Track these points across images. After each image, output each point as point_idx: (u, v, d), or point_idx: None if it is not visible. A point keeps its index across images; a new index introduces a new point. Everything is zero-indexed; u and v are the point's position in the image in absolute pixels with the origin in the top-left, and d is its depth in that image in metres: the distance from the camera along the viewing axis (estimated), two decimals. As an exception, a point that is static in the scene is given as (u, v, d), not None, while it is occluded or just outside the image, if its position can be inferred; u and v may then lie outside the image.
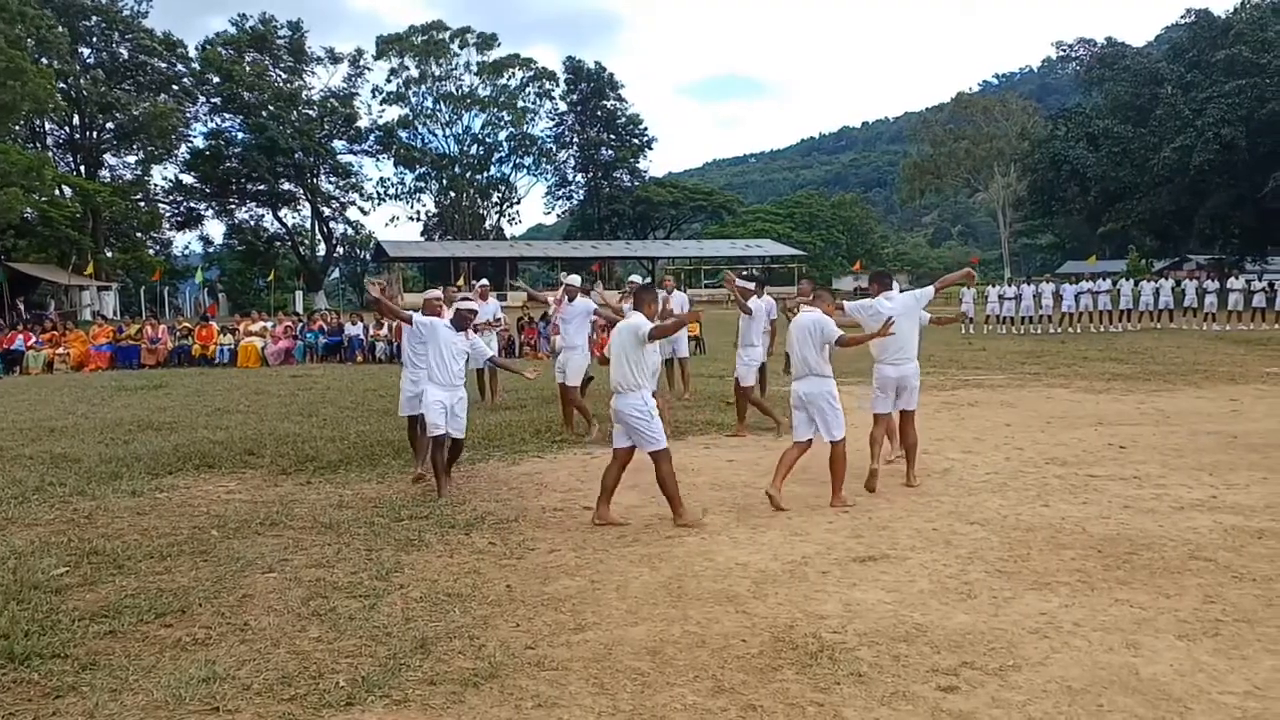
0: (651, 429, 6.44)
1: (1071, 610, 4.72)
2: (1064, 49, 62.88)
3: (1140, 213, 43.89)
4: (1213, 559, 5.52)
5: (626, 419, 6.49)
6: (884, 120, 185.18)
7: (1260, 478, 7.72)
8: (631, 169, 74.89)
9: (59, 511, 7.08)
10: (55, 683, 3.95)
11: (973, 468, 8.32)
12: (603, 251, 61.28)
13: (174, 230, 62.36)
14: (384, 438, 9.97)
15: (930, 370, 16.88)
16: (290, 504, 7.22)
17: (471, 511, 6.91)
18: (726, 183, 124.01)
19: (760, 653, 4.25)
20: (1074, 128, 47.11)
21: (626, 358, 6.46)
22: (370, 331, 22.52)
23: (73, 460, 9.05)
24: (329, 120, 62.63)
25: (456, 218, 69.60)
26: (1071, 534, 6.10)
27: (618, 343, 6.59)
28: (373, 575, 5.41)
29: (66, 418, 12.25)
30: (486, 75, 68.03)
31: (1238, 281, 29.41)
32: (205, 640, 4.46)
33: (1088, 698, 3.75)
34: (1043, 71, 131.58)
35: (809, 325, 6.99)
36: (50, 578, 5.36)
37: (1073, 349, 21.03)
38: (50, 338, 22.47)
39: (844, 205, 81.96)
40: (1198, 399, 12.66)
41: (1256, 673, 3.97)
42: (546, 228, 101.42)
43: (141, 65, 54.70)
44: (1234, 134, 38.07)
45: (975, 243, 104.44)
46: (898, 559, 5.63)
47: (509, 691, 3.87)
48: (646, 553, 5.84)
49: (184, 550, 5.95)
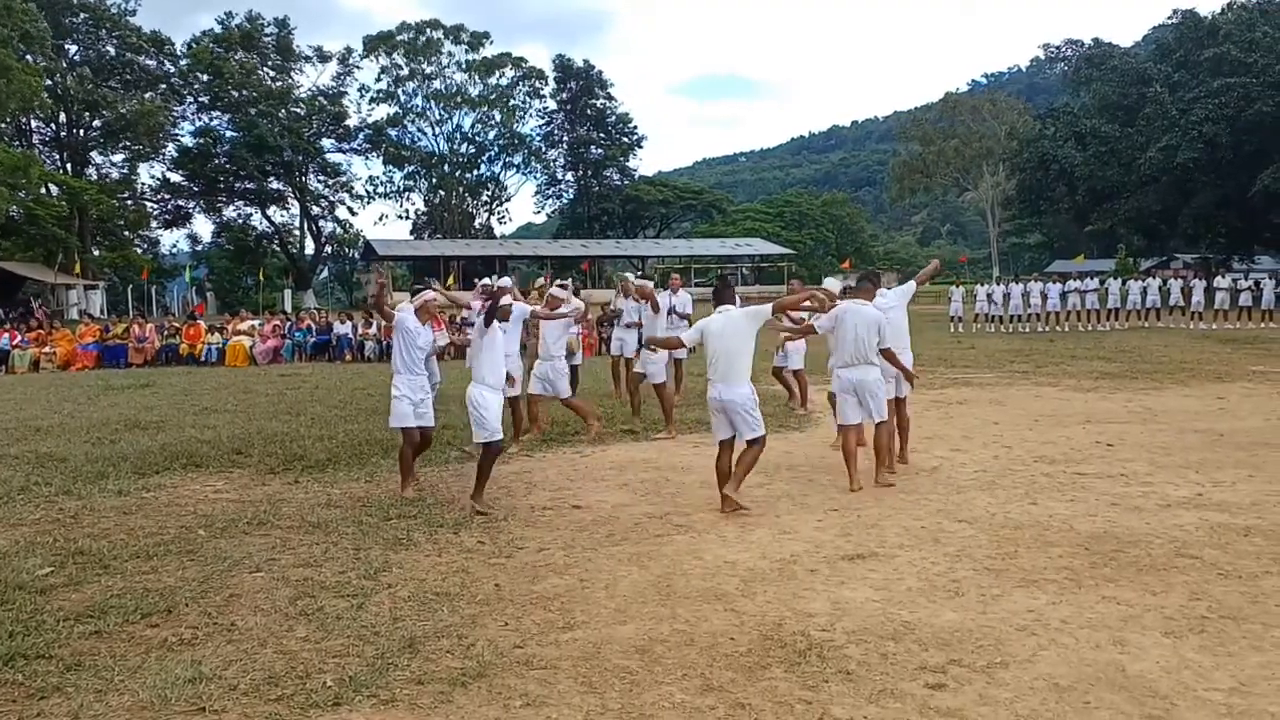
0: (758, 417, 6.74)
1: (1059, 608, 4.74)
2: (1052, 49, 63.42)
3: (1127, 212, 44.11)
4: (1199, 556, 5.55)
5: (739, 409, 6.64)
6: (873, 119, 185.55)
7: (1246, 475, 7.76)
8: (621, 168, 74.83)
9: (44, 511, 7.03)
10: (40, 684, 3.92)
11: (961, 466, 8.35)
12: (592, 250, 61.25)
13: (162, 229, 62.17)
14: (372, 437, 9.93)
15: (918, 369, 16.92)
16: (278, 503, 7.19)
17: (460, 510, 6.89)
18: (716, 181, 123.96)
19: (749, 651, 4.25)
20: (1062, 127, 47.33)
21: (740, 348, 6.69)
22: (359, 330, 22.45)
23: (59, 460, 8.99)
24: (317, 118, 62.33)
25: (446, 216, 69.41)
26: (1059, 532, 6.13)
27: (729, 333, 6.72)
28: (360, 574, 5.39)
29: (52, 417, 12.17)
30: (477, 73, 67.89)
31: (1224, 280, 29.59)
32: (191, 640, 4.43)
33: (1075, 695, 3.76)
34: (1031, 71, 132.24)
35: (874, 318, 7.38)
36: (35, 578, 5.32)
37: (1061, 348, 21.12)
38: (36, 336, 22.32)
39: (834, 204, 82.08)
40: (1185, 397, 12.73)
41: (1242, 669, 4.00)
42: (536, 226, 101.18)
43: (129, 63, 54.37)
44: (1219, 133, 38.30)
45: (964, 242, 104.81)
46: (886, 557, 5.65)
47: (497, 691, 3.86)
48: (635, 551, 5.84)
49: (170, 550, 5.91)
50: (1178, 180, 40.38)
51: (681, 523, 6.52)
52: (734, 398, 6.68)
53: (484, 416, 6.98)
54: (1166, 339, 23.12)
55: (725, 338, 6.78)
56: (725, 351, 6.74)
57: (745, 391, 6.72)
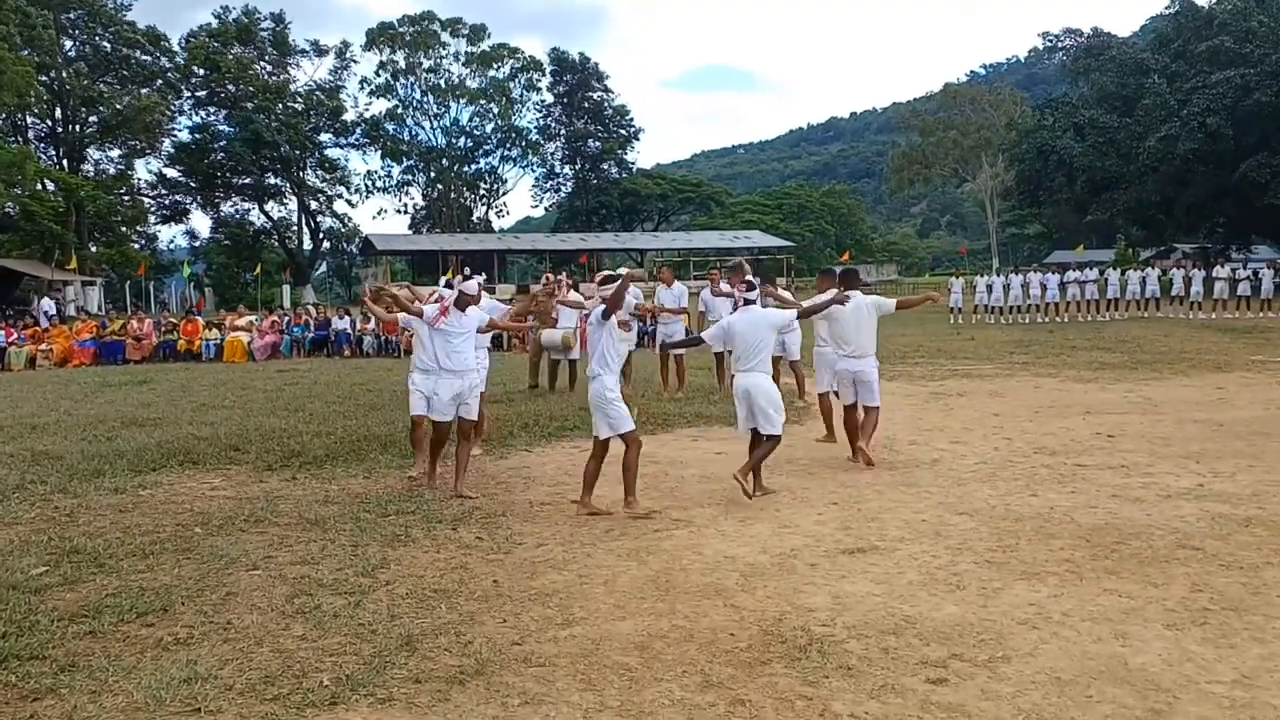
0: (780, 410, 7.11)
1: (1060, 600, 4.71)
2: (1050, 40, 63.16)
3: (1126, 202, 43.99)
4: (1200, 547, 5.53)
5: (762, 400, 6.93)
6: (872, 111, 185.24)
7: (1246, 465, 7.74)
8: (619, 161, 74.68)
9: (40, 510, 6.99)
10: (33, 685, 3.89)
11: (961, 458, 8.32)
12: (591, 244, 61.09)
13: (159, 224, 61.96)
14: (371, 432, 9.90)
15: (919, 361, 16.92)
16: (275, 500, 7.16)
17: (459, 506, 6.86)
18: (715, 174, 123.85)
19: (749, 646, 4.22)
20: (1060, 118, 47.18)
21: (767, 340, 7.12)
22: (357, 326, 22.41)
23: (54, 458, 8.94)
24: (315, 113, 62.16)
25: (444, 210, 69.30)
26: (1060, 524, 6.10)
27: (766, 327, 7.11)
28: (358, 572, 5.35)
29: (49, 414, 12.12)
30: (475, 66, 67.72)
31: (1223, 270, 29.57)
32: (187, 640, 4.40)
33: (1076, 688, 3.73)
34: (1029, 62, 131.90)
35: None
36: (30, 577, 5.28)
37: (1061, 338, 21.09)
38: (33, 334, 22.26)
39: (833, 196, 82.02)
40: (1185, 387, 12.71)
41: (1244, 661, 3.97)
42: (535, 220, 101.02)
43: (125, 59, 54.08)
44: (1219, 123, 38.19)
45: (964, 233, 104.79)
46: (887, 550, 5.62)
47: (495, 689, 3.83)
48: (634, 546, 5.81)
49: (167, 548, 5.88)
50: (1177, 170, 40.28)
51: (681, 517, 6.49)
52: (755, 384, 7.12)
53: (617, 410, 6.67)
54: (1166, 329, 23.09)
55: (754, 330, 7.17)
56: (754, 344, 7.13)
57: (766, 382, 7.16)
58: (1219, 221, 46.24)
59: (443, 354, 7.35)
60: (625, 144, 74.34)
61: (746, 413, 7.01)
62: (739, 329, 7.12)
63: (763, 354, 7.05)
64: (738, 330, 7.13)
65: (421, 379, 7.51)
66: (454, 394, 7.36)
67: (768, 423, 6.92)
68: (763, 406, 6.90)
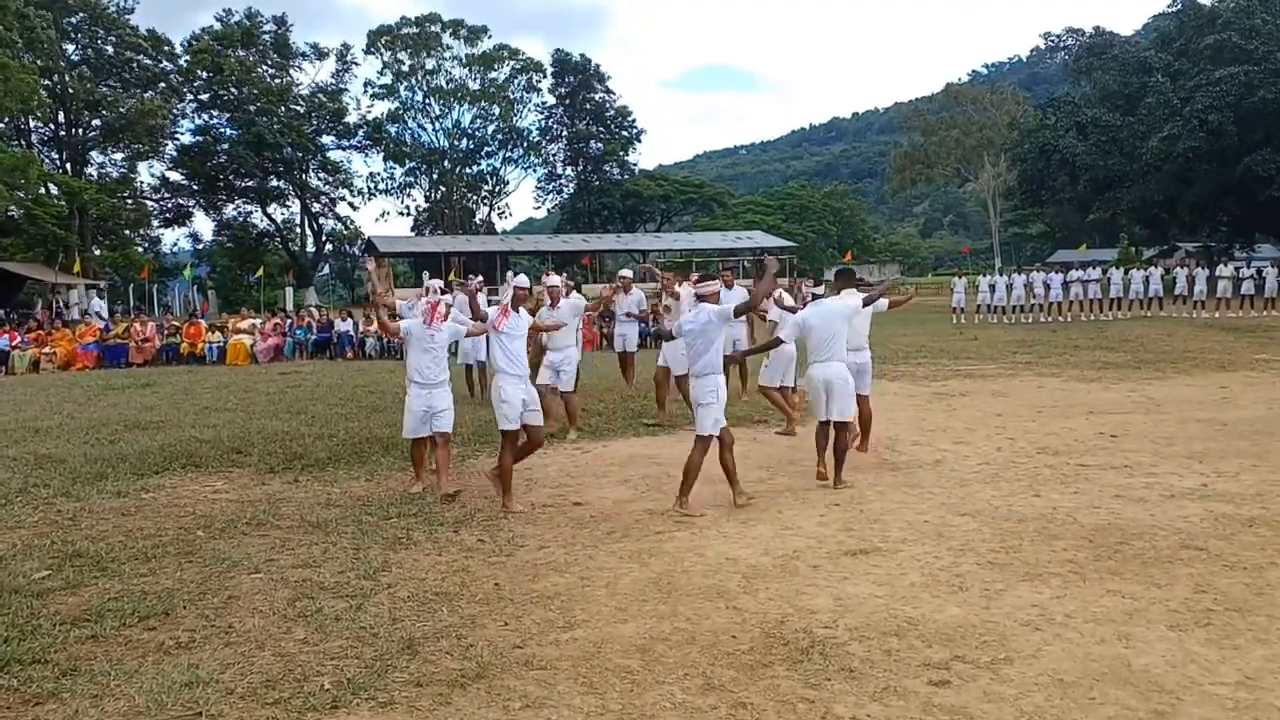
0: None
1: (1063, 602, 4.70)
2: (1052, 39, 63.17)
3: (1129, 201, 43.90)
4: (1204, 548, 5.51)
5: (838, 384, 7.29)
6: (874, 111, 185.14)
7: (1250, 465, 7.71)
8: (620, 162, 74.61)
9: (42, 513, 7.00)
10: (35, 689, 3.89)
11: (964, 458, 8.30)
12: (593, 245, 61.03)
13: (162, 227, 62.01)
14: (373, 435, 9.91)
15: (922, 361, 16.89)
16: (278, 503, 7.16)
17: (460, 509, 6.85)
18: (717, 175, 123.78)
19: (750, 649, 4.21)
20: (1063, 117, 47.09)
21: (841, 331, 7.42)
22: (360, 328, 22.41)
23: (57, 461, 8.96)
24: (317, 116, 62.20)
25: (447, 212, 69.32)
26: (1063, 524, 6.09)
27: (839, 318, 7.38)
28: (360, 575, 5.35)
29: (52, 418, 12.14)
30: (476, 68, 67.77)
31: (1226, 269, 29.51)
32: (189, 643, 4.40)
33: (1080, 690, 3.72)
34: (1031, 61, 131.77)
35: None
36: (32, 581, 5.29)
37: (1063, 338, 21.05)
38: (36, 337, 22.29)
39: (835, 196, 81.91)
40: (1188, 387, 12.68)
41: (1248, 662, 3.96)
42: (537, 221, 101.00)
43: (127, 62, 54.15)
44: (1222, 121, 38.12)
45: (966, 233, 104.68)
46: (889, 552, 5.61)
47: (497, 692, 3.83)
48: (636, 549, 5.80)
49: (169, 551, 5.88)
50: (1180, 169, 40.20)
51: (683, 519, 6.48)
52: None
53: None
54: (1169, 328, 23.05)
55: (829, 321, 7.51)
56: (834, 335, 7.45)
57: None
58: (1222, 220, 46.11)
59: (504, 359, 6.95)
60: (627, 145, 74.30)
61: (826, 400, 7.37)
62: (814, 323, 7.47)
63: (837, 344, 7.40)
64: (813, 325, 7.47)
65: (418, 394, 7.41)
66: (524, 397, 6.96)
67: (846, 408, 7.37)
68: (844, 393, 7.34)
